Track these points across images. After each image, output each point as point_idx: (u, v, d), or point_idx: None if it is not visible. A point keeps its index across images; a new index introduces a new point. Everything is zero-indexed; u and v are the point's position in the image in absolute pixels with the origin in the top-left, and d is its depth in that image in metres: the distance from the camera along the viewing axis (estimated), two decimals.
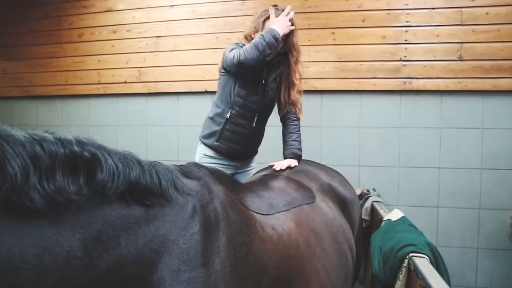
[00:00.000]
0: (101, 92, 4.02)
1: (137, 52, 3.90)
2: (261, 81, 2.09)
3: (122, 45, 3.95)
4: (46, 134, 0.69)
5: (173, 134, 3.85)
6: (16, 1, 4.23)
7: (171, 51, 3.81)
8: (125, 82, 3.95)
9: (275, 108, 2.29)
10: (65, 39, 4.11)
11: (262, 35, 1.92)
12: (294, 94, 2.14)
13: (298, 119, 2.22)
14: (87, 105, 4.10)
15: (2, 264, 0.57)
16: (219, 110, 2.13)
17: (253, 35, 2.07)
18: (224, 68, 2.10)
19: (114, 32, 3.98)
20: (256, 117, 2.15)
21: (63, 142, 0.70)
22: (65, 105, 4.17)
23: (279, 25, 1.95)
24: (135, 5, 3.90)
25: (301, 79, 2.18)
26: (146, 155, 3.73)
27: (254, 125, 2.16)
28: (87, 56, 4.05)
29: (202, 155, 2.21)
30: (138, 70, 3.90)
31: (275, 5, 2.06)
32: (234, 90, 2.08)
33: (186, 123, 3.78)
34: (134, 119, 3.96)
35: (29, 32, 4.18)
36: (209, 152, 2.18)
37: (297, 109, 2.18)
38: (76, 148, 0.71)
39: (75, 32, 4.08)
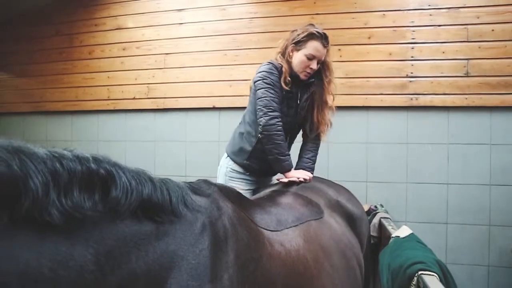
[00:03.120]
0: (110, 108, 4.08)
1: (146, 69, 3.97)
2: (295, 102, 2.08)
3: (131, 62, 4.02)
4: (65, 152, 0.72)
5: (181, 150, 3.88)
6: (29, 20, 4.35)
7: (180, 67, 3.87)
8: (134, 98, 4.01)
9: None
10: (76, 56, 4.20)
11: (284, 157, 1.94)
12: (327, 114, 2.13)
13: (319, 139, 2.20)
14: (97, 121, 4.15)
15: (21, 277, 0.59)
16: (251, 129, 2.07)
17: (291, 53, 2.01)
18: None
19: (123, 49, 4.05)
20: (288, 138, 2.14)
21: (80, 159, 0.72)
22: (75, 121, 4.23)
23: (295, 174, 1.95)
24: (145, 23, 3.99)
25: (333, 98, 2.16)
26: (154, 170, 3.77)
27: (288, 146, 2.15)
28: (97, 73, 4.13)
29: (230, 169, 2.16)
30: (147, 87, 3.96)
31: (311, 24, 2.05)
32: None
33: (194, 139, 3.82)
34: (142, 135, 4.00)
35: (41, 49, 4.29)
36: (238, 168, 2.15)
37: (326, 129, 2.17)
38: (92, 165, 0.73)
39: (86, 49, 4.18)
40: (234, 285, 0.96)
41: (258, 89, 1.96)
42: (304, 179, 1.93)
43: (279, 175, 2.02)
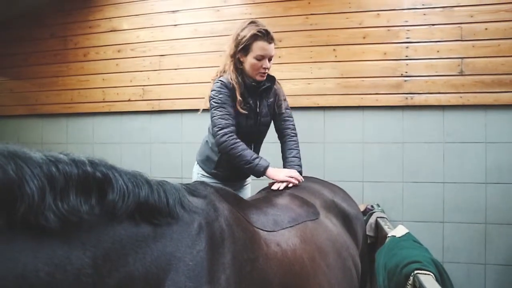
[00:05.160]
0: (106, 110, 4.06)
1: (141, 71, 3.96)
2: (254, 113, 2.09)
3: (126, 64, 4.01)
4: (61, 155, 0.72)
5: (176, 151, 3.87)
6: (24, 22, 4.33)
7: (175, 69, 3.87)
8: (129, 100, 3.99)
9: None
10: (70, 59, 4.18)
11: (251, 164, 1.90)
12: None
13: (296, 135, 2.22)
14: (92, 123, 4.14)
15: (17, 281, 0.59)
16: (214, 140, 2.07)
17: (241, 59, 2.02)
18: None
19: (118, 51, 4.04)
20: (252, 146, 2.15)
21: (76, 163, 0.73)
22: (70, 123, 4.21)
23: (280, 175, 1.90)
24: (139, 24, 3.98)
25: None
26: (150, 172, 3.77)
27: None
28: (92, 75, 4.11)
29: (200, 175, 2.21)
30: (142, 88, 3.95)
31: (252, 22, 2.02)
32: None
33: (190, 140, 3.81)
34: (138, 137, 3.99)
35: (36, 52, 4.27)
36: (207, 174, 2.19)
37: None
38: (89, 168, 0.74)
39: (81, 51, 4.16)
40: (231, 286, 0.96)
41: (211, 109, 2.02)
42: (292, 182, 1.88)
43: (270, 180, 2.00)
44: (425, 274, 1.72)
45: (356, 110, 3.47)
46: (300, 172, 2.09)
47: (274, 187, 1.89)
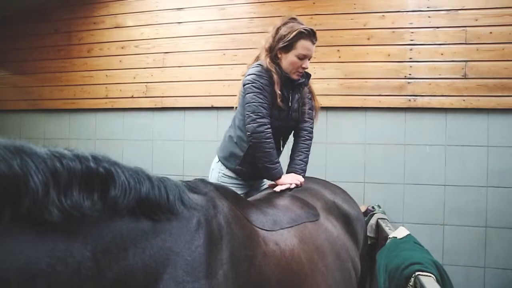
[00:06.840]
0: (109, 106, 4.07)
1: (144, 68, 3.97)
2: (287, 105, 2.03)
3: (130, 60, 4.02)
4: (66, 151, 0.73)
5: (178, 149, 3.87)
6: (28, 17, 4.34)
7: (178, 67, 3.87)
8: (132, 97, 4.00)
9: None
10: (74, 54, 4.19)
11: (273, 166, 1.90)
12: (318, 100, 2.20)
13: (311, 139, 2.16)
14: (95, 119, 4.15)
15: (20, 273, 0.60)
16: (241, 134, 2.02)
17: (279, 55, 1.95)
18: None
19: (122, 47, 4.05)
20: (281, 141, 2.13)
21: (80, 158, 0.74)
22: (73, 119, 4.23)
23: (285, 181, 1.89)
24: (144, 21, 3.99)
25: None
26: (151, 169, 3.75)
27: (281, 149, 2.15)
28: (96, 71, 4.12)
29: (221, 174, 2.13)
30: (145, 85, 3.96)
31: (293, 18, 1.96)
32: None
33: (192, 138, 3.82)
34: (140, 134, 4.00)
35: (40, 47, 4.28)
36: (229, 173, 2.11)
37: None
38: (92, 164, 0.75)
39: (85, 47, 4.17)
40: (228, 281, 0.97)
41: (247, 93, 1.91)
42: (296, 184, 1.89)
43: (271, 182, 1.99)
44: (426, 275, 1.72)
45: (358, 111, 3.47)
46: (303, 177, 2.08)
47: (277, 189, 1.87)
